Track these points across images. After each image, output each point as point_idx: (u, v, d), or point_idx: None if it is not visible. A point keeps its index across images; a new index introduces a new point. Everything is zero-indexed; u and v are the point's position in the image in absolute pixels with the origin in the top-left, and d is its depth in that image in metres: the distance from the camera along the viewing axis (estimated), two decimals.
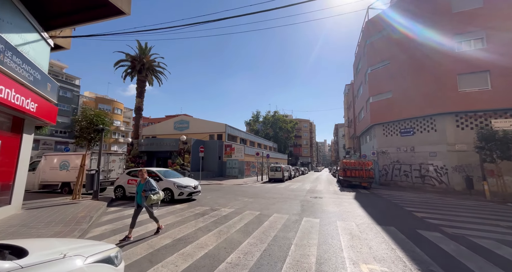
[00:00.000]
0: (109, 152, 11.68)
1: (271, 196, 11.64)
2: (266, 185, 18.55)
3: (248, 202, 9.84)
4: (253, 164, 29.35)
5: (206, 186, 16.36)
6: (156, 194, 5.22)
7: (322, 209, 8.59)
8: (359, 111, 26.19)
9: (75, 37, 7.58)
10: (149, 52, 28.30)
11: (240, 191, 13.93)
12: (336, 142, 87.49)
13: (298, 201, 10.23)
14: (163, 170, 10.44)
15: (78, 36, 7.38)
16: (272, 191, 13.87)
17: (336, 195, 12.58)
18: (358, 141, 30.26)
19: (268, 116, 62.78)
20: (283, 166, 23.58)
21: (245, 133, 35.96)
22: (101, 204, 8.07)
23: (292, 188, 16.30)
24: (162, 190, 9.36)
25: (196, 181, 10.42)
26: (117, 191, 10.00)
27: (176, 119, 30.66)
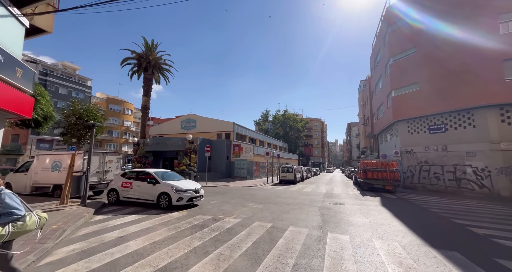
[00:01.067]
0: (105, 152, 10.67)
1: (283, 202, 10.16)
2: (277, 187, 17.06)
3: (258, 209, 8.43)
4: (263, 164, 27.92)
5: (212, 189, 15.12)
6: (13, 224, 2.50)
7: (347, 220, 7.02)
8: (377, 108, 24.09)
9: (54, 12, 6.51)
10: (155, 49, 27.61)
11: (249, 194, 12.56)
12: (349, 141, 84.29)
13: (316, 209, 8.70)
14: (161, 171, 9.25)
15: (58, 11, 6.30)
16: (284, 195, 12.38)
17: (359, 201, 10.90)
18: (376, 140, 28.06)
19: (278, 115, 61.14)
20: (295, 167, 21.98)
21: (254, 132, 34.59)
22: (86, 211, 6.94)
23: (306, 191, 14.72)
24: (159, 195, 8.21)
25: (198, 184, 9.15)
26: (110, 195, 8.91)
27: (183, 118, 29.81)
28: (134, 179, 8.83)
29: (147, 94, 27.44)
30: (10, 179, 10.70)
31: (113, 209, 8.00)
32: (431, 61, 15.43)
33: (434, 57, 15.30)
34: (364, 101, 34.33)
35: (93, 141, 8.39)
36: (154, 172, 8.85)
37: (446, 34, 14.62)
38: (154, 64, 27.02)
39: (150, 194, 8.33)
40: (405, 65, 17.15)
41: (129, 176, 9.03)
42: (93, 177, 10.01)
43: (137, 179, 8.81)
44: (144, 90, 27.35)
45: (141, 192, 8.49)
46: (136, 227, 5.76)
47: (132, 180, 8.83)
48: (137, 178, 8.83)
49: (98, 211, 7.53)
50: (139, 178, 8.81)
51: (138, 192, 8.54)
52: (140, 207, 8.35)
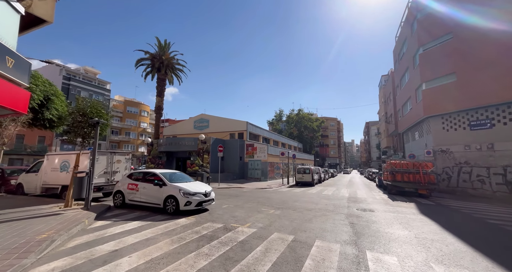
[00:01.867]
0: (113, 151, 10.21)
1: (303, 207, 9.02)
2: (294, 189, 15.86)
3: (275, 215, 7.38)
4: (277, 165, 26.77)
5: (224, 191, 14.29)
6: None
7: (385, 232, 5.77)
8: (403, 104, 22.02)
9: None
10: (168, 49, 27.59)
11: (264, 197, 11.53)
12: (367, 141, 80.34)
13: (342, 216, 7.48)
14: (169, 172, 8.52)
15: None
16: (303, 199, 11.20)
17: (390, 207, 9.46)
18: (401, 139, 25.80)
19: (292, 114, 59.54)
20: (312, 168, 20.61)
21: (268, 132, 33.53)
22: (87, 216, 6.31)
23: (327, 194, 13.39)
24: (166, 198, 7.46)
25: (208, 187, 8.30)
26: (116, 198, 8.33)
27: (196, 118, 29.50)
28: (141, 180, 8.18)
29: (161, 94, 27.45)
30: (22, 180, 10.59)
31: (117, 213, 7.36)
32: (472, 47, 13.46)
33: (476, 42, 13.32)
34: (386, 97, 31.98)
35: (97, 139, 7.84)
36: (161, 173, 8.13)
37: (493, 12, 12.64)
38: (167, 64, 26.97)
39: (157, 197, 7.61)
40: (439, 54, 15.23)
41: (136, 177, 8.39)
42: (100, 178, 9.55)
43: (144, 180, 8.14)
44: (158, 91, 27.39)
45: (147, 195, 7.80)
46: (135, 237, 4.97)
47: (138, 181, 8.18)
48: (143, 180, 8.16)
49: (101, 215, 6.90)
50: (146, 180, 8.14)
51: (144, 194, 7.85)
52: (146, 211, 7.65)
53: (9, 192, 10.87)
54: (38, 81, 12.88)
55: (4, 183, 11.18)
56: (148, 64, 27.01)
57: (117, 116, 53.77)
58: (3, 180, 11.25)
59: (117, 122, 53.10)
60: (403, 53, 21.17)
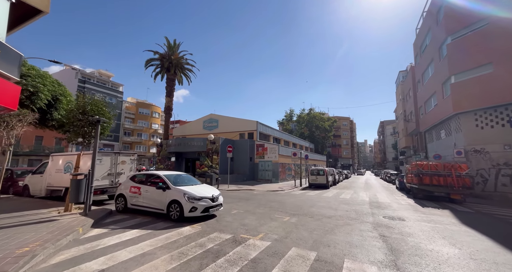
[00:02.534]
0: (117, 152, 9.73)
1: (321, 213, 8.04)
2: (308, 192, 14.81)
3: (291, 224, 6.48)
4: (289, 166, 25.72)
5: (234, 193, 13.52)
6: None
7: (427, 249, 4.72)
8: (425, 100, 20.33)
9: None
10: (177, 49, 27.37)
11: (276, 201, 10.64)
12: (382, 141, 77.11)
13: (369, 226, 6.45)
14: (173, 174, 7.85)
15: None
16: (320, 204, 10.19)
17: (422, 215, 8.26)
18: (422, 138, 23.97)
19: (302, 114, 58.14)
20: (326, 169, 19.44)
21: (278, 132, 32.55)
22: (84, 223, 5.73)
23: (345, 198, 12.27)
24: (169, 203, 6.78)
25: (216, 190, 7.54)
26: (117, 202, 7.77)
27: (205, 118, 29.09)
28: (143, 183, 7.56)
29: (170, 94, 27.26)
30: (28, 181, 10.37)
31: (117, 219, 6.75)
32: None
33: None
34: (404, 94, 30.06)
35: (97, 139, 7.30)
36: (165, 175, 7.47)
37: None
38: (176, 64, 26.74)
39: (159, 201, 6.94)
40: (471, 43, 13.66)
41: (139, 180, 7.79)
42: (104, 180, 9.07)
43: (146, 183, 7.52)
44: (167, 91, 27.21)
45: (150, 199, 7.15)
46: (130, 252, 4.26)
47: (140, 184, 7.57)
48: (146, 182, 7.54)
49: (99, 222, 6.31)
50: (149, 182, 7.51)
51: (146, 199, 7.22)
52: (148, 217, 7.00)
53: (16, 194, 10.70)
54: (46, 81, 12.73)
55: (12, 185, 11.04)
56: (157, 65, 26.91)
57: (129, 118, 54.85)
58: (12, 182, 11.13)
59: (129, 123, 54.14)
60: (425, 45, 19.53)
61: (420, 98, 22.12)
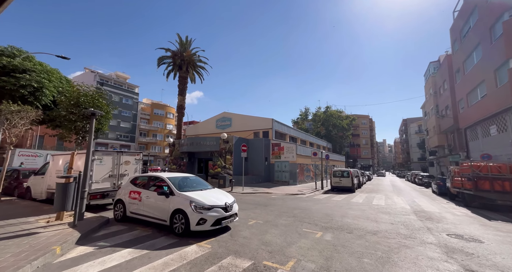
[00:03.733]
0: (121, 151, 8.71)
1: (360, 226, 6.38)
2: (333, 197, 13.04)
3: (327, 244, 4.93)
4: (307, 167, 23.91)
5: (250, 197, 12.13)
6: None
7: None
8: (468, 91, 17.64)
9: None
10: (189, 46, 26.64)
11: (300, 208, 9.08)
12: (404, 141, 72.15)
13: (437, 250, 4.73)
14: (179, 177, 6.60)
15: None
16: (353, 212, 8.48)
17: (499, 232, 6.31)
18: (462, 135, 21.09)
19: (319, 112, 55.63)
20: (351, 171, 17.48)
21: (295, 130, 30.79)
22: (66, 238, 4.60)
23: (380, 205, 10.40)
24: (173, 213, 5.51)
25: (230, 197, 6.18)
26: (116, 209, 6.66)
27: (218, 117, 28.08)
28: (145, 187, 6.38)
29: (182, 93, 26.58)
30: (30, 183, 9.70)
31: (111, 231, 5.59)
32: None
33: None
34: (437, 87, 27.01)
35: (92, 135, 6.24)
36: (169, 177, 6.23)
37: None
38: (189, 61, 25.99)
39: (161, 210, 5.70)
40: None
41: (140, 183, 6.63)
42: (105, 183, 8.06)
43: (148, 187, 6.33)
44: (179, 89, 26.56)
45: (151, 206, 5.95)
46: None
47: (142, 188, 6.40)
48: (148, 186, 6.36)
49: (89, 235, 5.18)
50: (150, 186, 6.32)
51: (147, 206, 6.02)
52: (149, 229, 5.80)
53: (20, 196, 10.10)
54: (53, 77, 12.16)
55: (17, 186, 10.49)
56: (169, 63, 26.34)
57: (144, 119, 55.68)
58: (18, 183, 10.58)
59: (144, 124, 54.93)
60: (469, 27, 16.91)
61: (460, 89, 19.37)
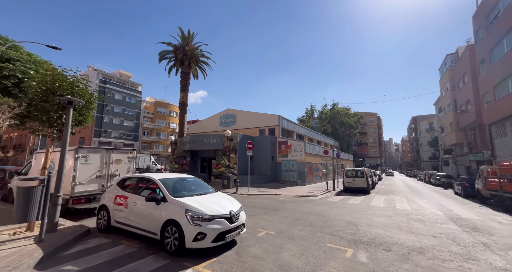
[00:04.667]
0: (110, 148, 7.63)
1: (397, 241, 5.13)
2: (349, 200, 11.75)
3: (368, 270, 3.70)
4: (316, 166, 22.60)
5: (256, 200, 10.95)
6: None
7: None
8: (496, 83, 16.04)
9: None
10: (192, 40, 25.54)
11: (316, 214, 7.85)
12: (414, 139, 69.85)
13: None
14: (174, 178, 5.45)
15: None
16: (379, 219, 7.21)
17: None
18: (485, 132, 19.45)
19: (325, 110, 54.10)
20: (366, 170, 16.13)
21: (302, 128, 29.45)
22: (22, 259, 3.50)
23: (406, 210, 9.07)
24: (165, 224, 4.35)
25: (235, 204, 5.03)
26: (99, 216, 5.57)
27: (222, 114, 26.95)
28: (133, 191, 5.26)
29: (185, 89, 25.53)
30: (13, 184, 8.71)
31: (88, 247, 4.47)
32: None
33: None
34: (455, 81, 25.25)
35: (69, 128, 5.13)
36: (161, 179, 5.08)
37: None
38: (191, 56, 24.88)
39: (151, 220, 4.57)
40: None
41: (128, 185, 5.52)
42: (91, 185, 6.99)
43: (137, 191, 5.21)
44: (182, 85, 25.51)
45: (138, 215, 4.82)
46: None
47: (129, 192, 5.28)
48: (136, 190, 5.24)
49: (56, 253, 4.07)
50: (139, 190, 5.20)
51: (134, 215, 4.89)
52: (136, 244, 4.67)
53: (3, 198, 9.16)
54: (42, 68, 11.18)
55: (1, 187, 9.55)
56: (171, 57, 25.29)
57: (148, 117, 55.07)
58: (2, 184, 9.64)
59: (148, 123, 54.34)
60: (498, 12, 15.29)
61: (485, 82, 17.73)
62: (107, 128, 46.33)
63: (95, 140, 44.48)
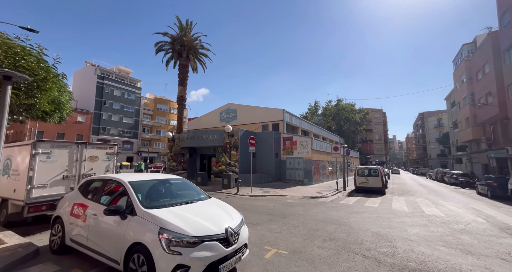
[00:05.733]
0: (82, 142, 6.23)
1: (457, 268, 3.70)
2: (365, 202, 10.29)
3: None
4: (323, 164, 21.13)
5: (260, 202, 9.55)
6: None
7: None
8: None
9: None
10: (190, 30, 24.02)
11: (334, 223, 6.43)
12: (421, 136, 67.86)
13: None
14: (152, 180, 4.05)
15: None
16: (414, 231, 5.77)
17: None
18: (510, 127, 17.79)
19: (329, 106, 52.38)
20: (380, 168, 14.65)
21: (307, 123, 27.93)
22: None
23: (439, 216, 7.61)
24: (130, 249, 2.93)
25: (234, 215, 3.64)
26: (53, 232, 4.21)
27: (222, 109, 25.50)
28: (95, 197, 3.87)
29: (183, 83, 24.12)
30: None
31: None
32: None
33: None
34: (473, 72, 23.46)
35: (5, 113, 3.73)
36: (132, 182, 3.67)
37: None
38: (189, 47, 23.38)
39: (112, 242, 3.18)
40: None
41: (92, 190, 4.13)
42: (56, 188, 5.62)
43: (99, 197, 3.82)
44: (180, 79, 24.09)
45: (96, 233, 3.44)
46: None
47: (90, 199, 3.89)
48: (99, 196, 3.85)
49: None
50: (103, 196, 3.81)
51: (92, 232, 3.51)
52: None
53: None
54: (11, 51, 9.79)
55: None
56: (168, 49, 23.81)
57: (147, 114, 53.86)
58: None
59: (148, 120, 53.16)
60: None
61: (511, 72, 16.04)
62: (106, 125, 45.19)
63: (93, 138, 43.35)
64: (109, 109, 46.15)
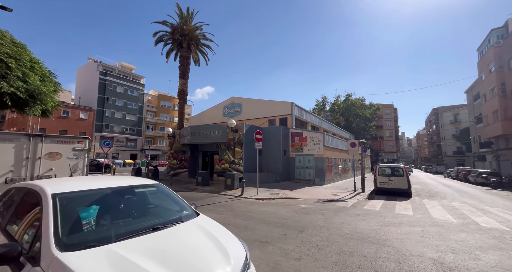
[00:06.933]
0: (38, 135, 4.79)
1: None
2: (394, 208, 8.56)
3: None
4: (335, 162, 19.36)
5: (268, 207, 7.95)
6: None
7: None
8: None
9: None
10: (192, 19, 22.45)
11: (370, 241, 4.79)
12: (435, 132, 64.66)
13: None
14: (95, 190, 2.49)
15: None
16: (492, 257, 4.07)
17: None
18: None
19: (338, 101, 50.11)
20: (405, 167, 12.84)
21: (317, 118, 26.14)
22: None
23: (505, 231, 5.86)
24: None
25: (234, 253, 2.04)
26: None
27: (226, 103, 23.92)
28: None
29: (184, 76, 22.66)
30: None
31: None
32: None
33: None
34: (504, 60, 21.04)
35: None
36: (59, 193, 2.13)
37: None
38: (190, 37, 21.84)
39: None
40: None
41: (4, 204, 2.62)
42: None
43: (5, 223, 2.29)
44: (181, 71, 22.64)
45: None
46: None
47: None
48: (5, 219, 2.33)
49: None
50: (15, 220, 2.28)
51: None
52: None
53: None
54: None
55: None
56: (168, 39, 22.34)
57: (151, 111, 52.96)
58: None
59: (151, 117, 52.30)
60: None
61: None
62: (109, 123, 44.47)
63: (96, 135, 42.69)
64: (112, 106, 45.38)
